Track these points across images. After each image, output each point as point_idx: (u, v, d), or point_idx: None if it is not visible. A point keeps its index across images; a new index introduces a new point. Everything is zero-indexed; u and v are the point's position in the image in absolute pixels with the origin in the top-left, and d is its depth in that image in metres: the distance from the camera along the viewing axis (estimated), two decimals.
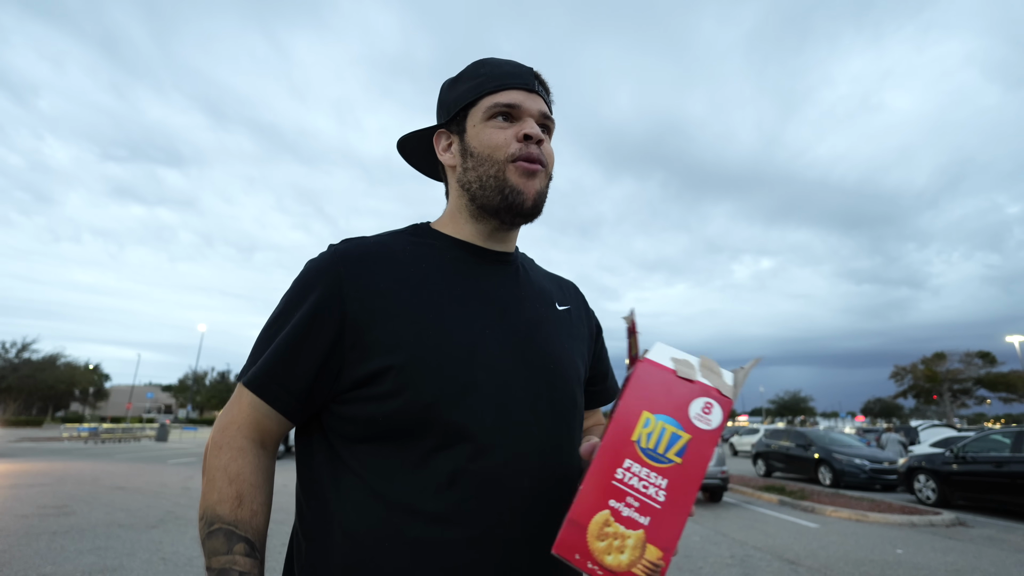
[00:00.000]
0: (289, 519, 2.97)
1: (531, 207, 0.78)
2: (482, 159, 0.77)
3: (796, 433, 14.36)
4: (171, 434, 31.70)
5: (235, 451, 0.70)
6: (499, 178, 0.76)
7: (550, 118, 0.81)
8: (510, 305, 0.78)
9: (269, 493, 0.72)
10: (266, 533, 0.72)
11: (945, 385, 37.87)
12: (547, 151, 0.80)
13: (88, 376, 54.33)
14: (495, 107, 0.77)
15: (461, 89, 0.81)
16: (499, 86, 0.78)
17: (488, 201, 0.78)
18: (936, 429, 16.03)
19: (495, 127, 0.77)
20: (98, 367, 57.12)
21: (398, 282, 0.72)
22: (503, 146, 0.76)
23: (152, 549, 4.82)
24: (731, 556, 5.33)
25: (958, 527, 7.52)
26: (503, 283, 0.80)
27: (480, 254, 0.81)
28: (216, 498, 0.67)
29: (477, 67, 0.82)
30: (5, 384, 41.47)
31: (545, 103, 0.81)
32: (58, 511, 6.42)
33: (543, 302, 0.83)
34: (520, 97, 0.78)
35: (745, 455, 25.46)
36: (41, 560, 4.34)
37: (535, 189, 0.77)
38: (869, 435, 22.69)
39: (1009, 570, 5.12)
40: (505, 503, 0.66)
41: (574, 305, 0.91)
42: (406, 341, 0.68)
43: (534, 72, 0.81)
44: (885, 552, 5.75)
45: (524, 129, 0.76)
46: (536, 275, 0.89)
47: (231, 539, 0.66)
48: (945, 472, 9.41)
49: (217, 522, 0.66)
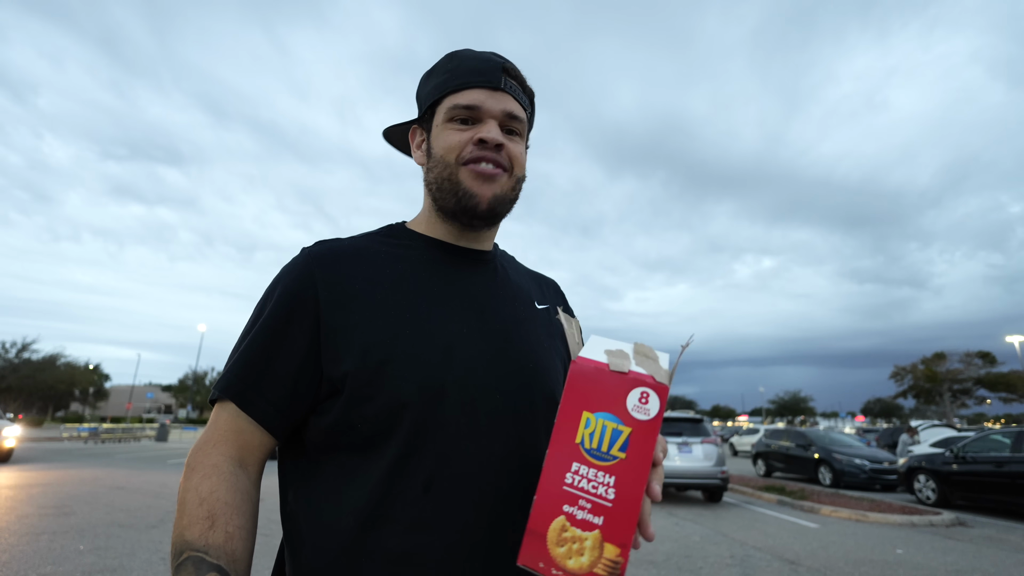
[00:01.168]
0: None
1: (486, 210, 0.75)
2: (438, 161, 0.76)
3: (796, 433, 14.37)
4: (171, 434, 31.70)
5: (208, 469, 0.64)
6: (452, 181, 0.74)
7: (517, 117, 0.76)
8: (487, 305, 0.76)
9: (249, 516, 0.64)
10: (247, 560, 0.63)
11: (945, 385, 37.87)
12: (512, 153, 0.75)
13: (88, 376, 54.33)
14: (454, 109, 0.74)
15: (430, 85, 0.79)
16: (461, 85, 0.75)
17: (445, 203, 0.76)
18: (936, 429, 16.01)
19: (453, 129, 0.75)
20: (98, 367, 57.14)
21: (372, 283, 0.71)
22: (456, 148, 0.74)
23: (152, 549, 4.82)
24: (731, 556, 5.33)
25: (958, 527, 7.52)
26: (480, 283, 0.78)
27: (456, 253, 0.80)
28: (185, 522, 0.60)
29: (447, 61, 0.78)
30: (5, 384, 41.46)
31: (515, 99, 0.76)
32: (58, 511, 6.42)
33: (521, 301, 0.81)
34: (481, 97, 0.74)
35: (745, 455, 25.46)
36: (41, 560, 4.34)
37: (491, 193, 0.74)
38: (869, 435, 22.69)
39: (1009, 570, 5.12)
40: (482, 508, 0.65)
41: (553, 303, 0.89)
42: (380, 342, 0.66)
43: (503, 66, 0.76)
44: (885, 552, 5.75)
45: (479, 133, 0.73)
46: (515, 273, 0.87)
47: (200, 568, 0.57)
48: (945, 472, 9.41)
49: (186, 550, 0.58)
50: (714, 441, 9.20)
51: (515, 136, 0.77)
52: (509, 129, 0.76)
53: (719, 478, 8.96)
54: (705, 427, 9.58)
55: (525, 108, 0.78)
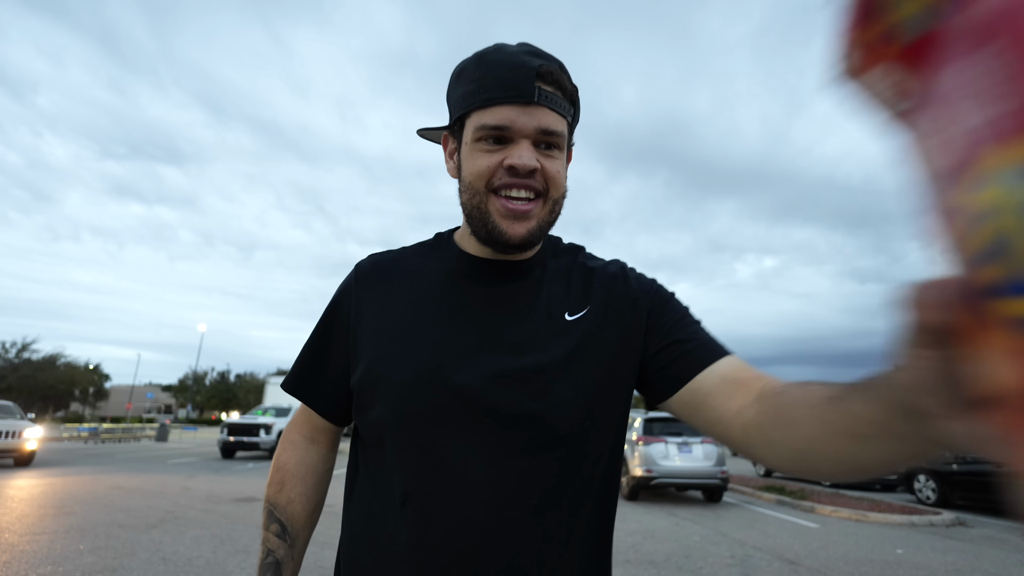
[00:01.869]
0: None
1: (519, 244, 0.69)
2: (468, 185, 0.70)
3: None
4: (171, 434, 31.71)
5: (287, 444, 0.83)
6: (482, 211, 0.69)
7: (553, 132, 0.67)
8: (495, 325, 0.70)
9: (312, 485, 0.82)
10: (306, 523, 0.81)
11: None
12: (548, 173, 0.68)
13: (88, 376, 54.35)
14: (482, 129, 0.67)
15: (458, 93, 0.71)
16: (488, 100, 0.66)
17: (477, 232, 0.71)
18: None
19: (481, 151, 0.68)
20: (98, 367, 57.14)
21: (392, 299, 0.74)
22: (486, 175, 0.67)
23: (152, 549, 4.82)
24: (731, 556, 5.34)
25: (958, 527, 7.52)
26: (499, 300, 0.73)
27: (486, 268, 0.75)
28: (268, 482, 0.82)
29: (476, 65, 0.70)
30: (5, 384, 41.47)
31: (552, 109, 0.67)
32: (58, 511, 6.42)
33: (547, 316, 0.73)
34: (512, 115, 0.65)
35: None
36: (41, 560, 4.34)
37: (525, 230, 0.68)
38: None
39: (1009, 570, 5.12)
40: (453, 535, 0.63)
41: (598, 302, 0.75)
42: (379, 357, 0.70)
43: (538, 72, 0.66)
44: (885, 552, 5.75)
45: (510, 159, 0.66)
46: (556, 278, 0.77)
47: (270, 518, 0.80)
48: (945, 472, 9.41)
49: (267, 502, 0.81)
50: (714, 441, 9.19)
51: (552, 151, 0.69)
52: (545, 144, 0.68)
53: (719, 478, 8.96)
54: None
55: (565, 114, 0.69)
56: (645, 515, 7.70)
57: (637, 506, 8.59)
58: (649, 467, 8.93)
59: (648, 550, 5.50)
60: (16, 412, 12.49)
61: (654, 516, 7.66)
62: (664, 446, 9.09)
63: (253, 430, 14.96)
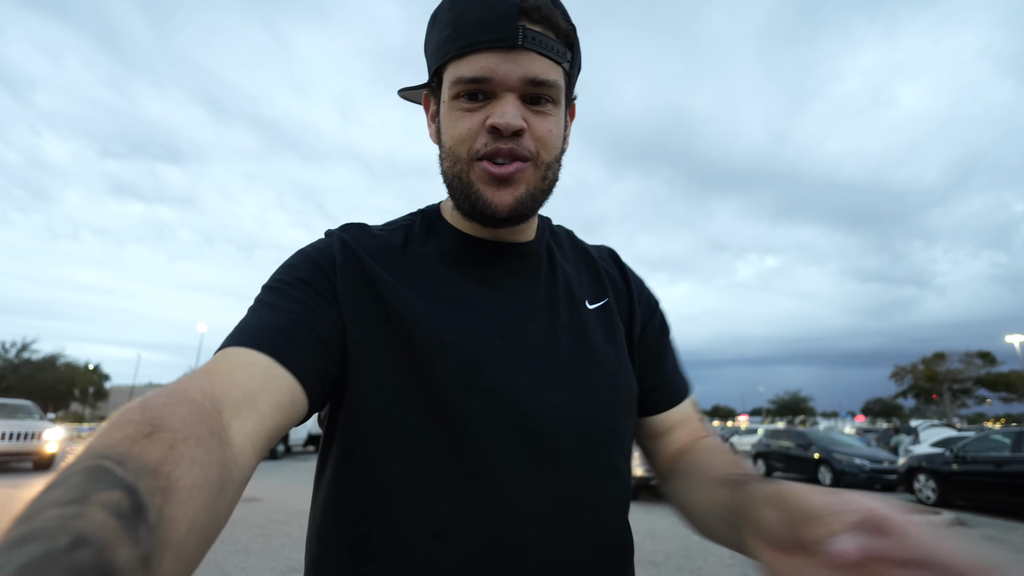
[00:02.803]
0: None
1: (506, 216, 0.59)
2: (448, 152, 0.59)
3: (796, 433, 14.38)
4: None
5: (178, 396, 0.49)
6: (463, 180, 0.58)
7: (543, 82, 0.55)
8: (524, 318, 0.62)
9: (217, 471, 0.55)
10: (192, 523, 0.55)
11: (945, 385, 37.88)
12: (537, 133, 0.57)
13: (88, 376, 54.33)
14: (458, 83, 0.56)
15: (434, 40, 0.59)
16: (464, 47, 0.55)
17: (460, 205, 0.61)
18: (936, 429, 16.02)
19: (460, 110, 0.57)
20: (98, 367, 57.12)
21: (391, 289, 0.60)
22: (467, 139, 0.57)
23: None
24: (731, 556, 5.33)
25: (958, 527, 7.52)
26: (521, 289, 0.65)
27: (485, 251, 0.66)
28: (107, 427, 0.43)
29: (452, 4, 0.57)
30: (5, 384, 41.45)
31: (542, 54, 0.55)
32: None
33: (572, 303, 0.67)
34: (492, 64, 0.54)
35: (745, 455, 25.46)
36: None
37: (511, 199, 0.57)
38: (869, 435, 22.69)
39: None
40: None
41: (614, 292, 0.72)
42: (400, 355, 0.59)
43: (521, 8, 0.54)
44: None
45: (492, 118, 0.55)
46: (566, 264, 0.71)
47: (100, 480, 0.32)
48: (945, 472, 9.40)
49: (95, 455, 0.35)
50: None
51: (544, 105, 0.57)
52: (535, 97, 0.56)
53: None
54: None
55: (559, 59, 0.57)
56: (645, 515, 7.69)
57: (637, 506, 8.58)
58: None
59: (648, 550, 5.50)
60: (35, 412, 11.93)
61: (654, 516, 7.66)
62: None
63: None
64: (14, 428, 10.35)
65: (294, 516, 6.64)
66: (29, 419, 11.18)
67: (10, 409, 11.40)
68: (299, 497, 8.15)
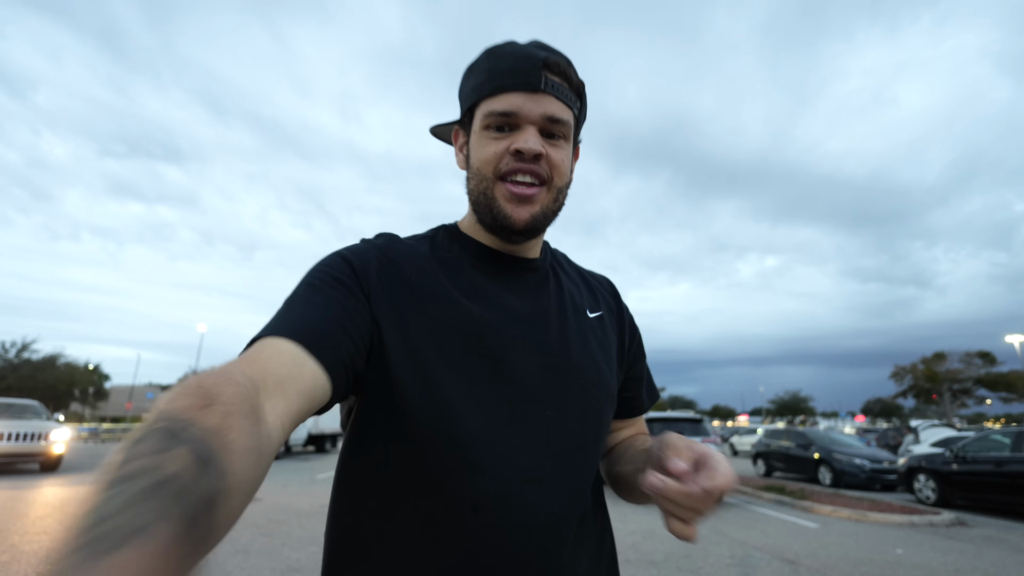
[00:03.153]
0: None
1: (523, 229, 0.71)
2: (475, 172, 0.72)
3: (796, 433, 14.37)
4: None
5: (229, 380, 0.61)
6: (488, 196, 0.71)
7: (559, 120, 0.70)
8: (539, 320, 0.73)
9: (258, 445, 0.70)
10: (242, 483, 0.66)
11: (945, 385, 37.87)
12: (553, 160, 0.70)
13: (88, 376, 54.31)
14: (490, 116, 0.69)
15: (469, 85, 0.74)
16: (497, 88, 0.69)
17: (483, 218, 0.74)
18: (936, 429, 16.01)
19: (489, 138, 0.70)
20: (98, 367, 57.08)
21: (421, 289, 0.69)
22: (493, 161, 0.69)
23: None
24: (731, 556, 5.34)
25: (958, 527, 7.52)
26: (525, 294, 0.76)
27: (501, 262, 0.77)
28: (171, 397, 0.48)
29: (486, 58, 0.72)
30: (5, 384, 41.43)
31: (559, 99, 0.70)
32: (57, 511, 6.42)
33: (576, 311, 0.79)
34: (519, 102, 0.68)
35: (745, 455, 25.45)
36: (41, 560, 4.34)
37: (528, 214, 0.70)
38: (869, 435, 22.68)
39: (1009, 570, 5.12)
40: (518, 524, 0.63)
41: (606, 309, 0.86)
42: (427, 352, 0.66)
43: (544, 62, 0.68)
44: (885, 552, 5.75)
45: (516, 143, 0.68)
46: (567, 279, 0.84)
47: (172, 439, 0.38)
48: (945, 472, 9.41)
49: (166, 418, 0.40)
50: (714, 441, 9.20)
51: (558, 140, 0.71)
52: (550, 133, 0.70)
53: None
54: (705, 427, 9.58)
55: (571, 105, 0.71)
56: (645, 515, 7.69)
57: (637, 506, 8.56)
58: None
59: (648, 550, 5.50)
60: (42, 412, 11.57)
61: (654, 516, 7.66)
62: None
63: None
64: (20, 428, 10.10)
65: (294, 516, 6.64)
66: (36, 419, 10.92)
67: (16, 409, 11.14)
68: (299, 497, 8.15)
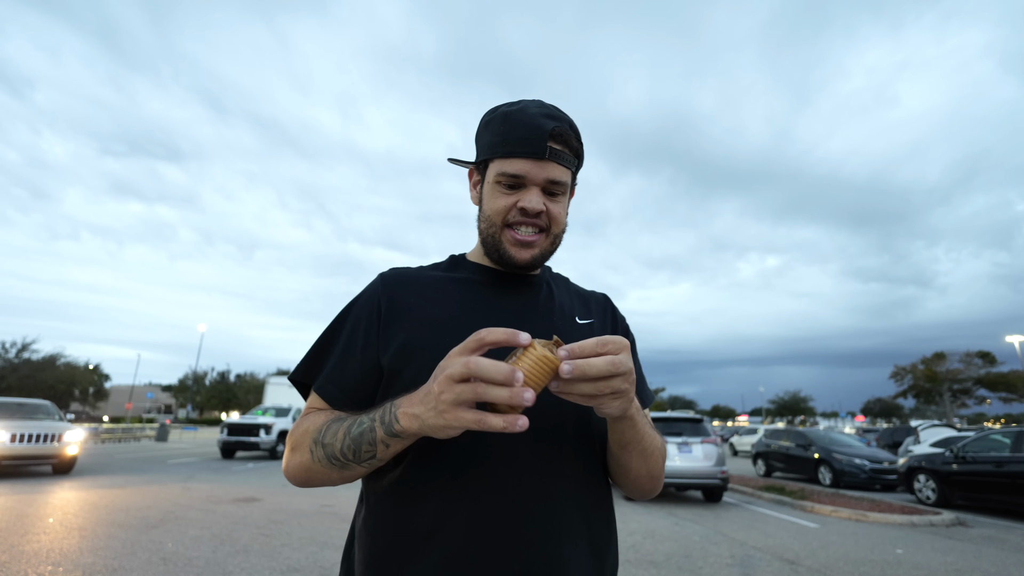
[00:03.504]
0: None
1: (523, 266, 0.86)
2: (486, 217, 0.87)
3: (796, 433, 14.36)
4: (171, 434, 31.70)
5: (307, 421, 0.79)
6: (496, 239, 0.86)
7: (558, 182, 0.84)
8: (525, 318, 0.86)
9: None
10: None
11: (945, 385, 37.85)
12: (552, 214, 0.85)
13: (88, 376, 54.28)
14: (502, 175, 0.83)
15: (485, 140, 0.87)
16: (508, 153, 0.83)
17: (489, 253, 0.89)
18: (936, 429, 16.00)
19: (500, 192, 0.84)
20: (98, 367, 57.05)
21: (424, 299, 0.85)
22: (502, 212, 0.84)
23: (152, 549, 4.82)
24: (731, 556, 5.34)
25: (958, 527, 7.52)
26: (523, 300, 0.89)
27: (504, 278, 0.91)
28: (298, 435, 0.77)
29: (502, 121, 0.85)
30: (5, 384, 41.42)
31: (561, 164, 0.83)
32: (57, 511, 6.42)
33: (562, 317, 0.90)
34: (526, 167, 0.82)
35: (745, 455, 25.45)
36: (41, 560, 4.34)
37: (529, 255, 0.85)
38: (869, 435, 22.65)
39: (1009, 570, 5.12)
40: (501, 498, 0.72)
41: (599, 319, 0.96)
42: (424, 345, 0.78)
43: (552, 132, 0.82)
44: (885, 552, 5.75)
45: (522, 202, 0.82)
46: (561, 292, 0.96)
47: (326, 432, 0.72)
48: (945, 472, 9.41)
49: (309, 438, 0.74)
50: (714, 441, 9.20)
51: (556, 196, 0.85)
52: (551, 192, 0.84)
53: (719, 478, 8.95)
54: (705, 427, 9.58)
55: (570, 166, 0.85)
56: (645, 515, 7.69)
57: (637, 506, 8.58)
58: None
59: (648, 550, 5.50)
60: (54, 412, 11.10)
61: (654, 516, 7.66)
62: None
63: (253, 430, 14.92)
64: (33, 429, 9.67)
65: (294, 516, 6.64)
66: (48, 419, 10.51)
67: (28, 409, 10.76)
68: (299, 497, 8.15)
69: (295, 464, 0.76)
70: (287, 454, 0.79)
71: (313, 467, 0.73)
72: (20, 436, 9.45)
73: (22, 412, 10.47)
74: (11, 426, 9.53)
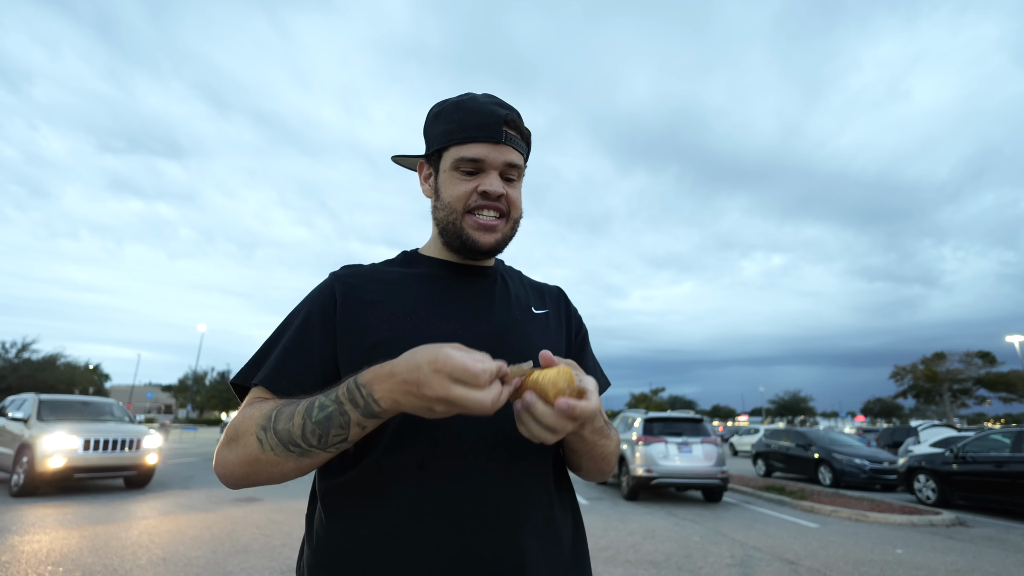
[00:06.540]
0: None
1: (487, 251, 0.87)
2: (445, 205, 0.87)
3: (796, 433, 14.36)
4: (171, 434, 31.69)
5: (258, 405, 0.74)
6: (457, 225, 0.86)
7: (515, 165, 0.86)
8: (483, 310, 0.87)
9: None
10: None
11: (945, 385, 37.84)
12: (511, 198, 0.86)
13: (88, 376, 54.30)
14: (460, 161, 0.84)
15: (437, 129, 0.88)
16: (466, 138, 0.83)
17: (450, 241, 0.89)
18: (936, 429, 16.00)
19: (458, 178, 0.85)
20: (98, 367, 57.09)
21: (382, 295, 0.85)
22: (463, 198, 0.85)
23: (152, 549, 4.82)
24: (731, 556, 5.34)
25: (958, 527, 7.52)
26: (479, 292, 0.90)
27: (459, 270, 0.92)
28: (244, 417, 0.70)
29: (453, 110, 0.86)
30: (5, 384, 41.41)
31: (515, 149, 0.85)
32: (57, 510, 6.42)
33: (519, 307, 0.92)
34: (484, 151, 0.83)
35: (745, 455, 25.45)
36: (40, 560, 4.34)
37: (492, 240, 0.86)
38: (869, 435, 22.66)
39: (1009, 570, 5.12)
40: (469, 487, 0.74)
41: (553, 309, 0.99)
42: (385, 340, 0.78)
43: (505, 119, 0.84)
44: (885, 552, 5.75)
45: (483, 185, 0.83)
46: (516, 284, 0.98)
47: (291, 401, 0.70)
48: (945, 472, 9.40)
49: (261, 420, 0.68)
50: (714, 441, 9.20)
51: (513, 181, 0.87)
52: (508, 176, 0.86)
53: (719, 478, 8.96)
54: (705, 427, 9.58)
55: (523, 152, 0.88)
56: (645, 515, 7.70)
57: (637, 506, 8.59)
58: (649, 467, 8.92)
59: (648, 550, 5.50)
60: (123, 413, 9.13)
61: (654, 516, 7.66)
62: (664, 446, 9.09)
63: None
64: (109, 435, 7.87)
65: (294, 516, 6.64)
66: (119, 422, 8.58)
67: (95, 409, 8.78)
68: (298, 497, 8.14)
69: (235, 458, 0.68)
70: (221, 448, 0.70)
71: (262, 458, 0.66)
72: (95, 443, 7.71)
73: (89, 412, 8.65)
74: (82, 430, 7.72)
